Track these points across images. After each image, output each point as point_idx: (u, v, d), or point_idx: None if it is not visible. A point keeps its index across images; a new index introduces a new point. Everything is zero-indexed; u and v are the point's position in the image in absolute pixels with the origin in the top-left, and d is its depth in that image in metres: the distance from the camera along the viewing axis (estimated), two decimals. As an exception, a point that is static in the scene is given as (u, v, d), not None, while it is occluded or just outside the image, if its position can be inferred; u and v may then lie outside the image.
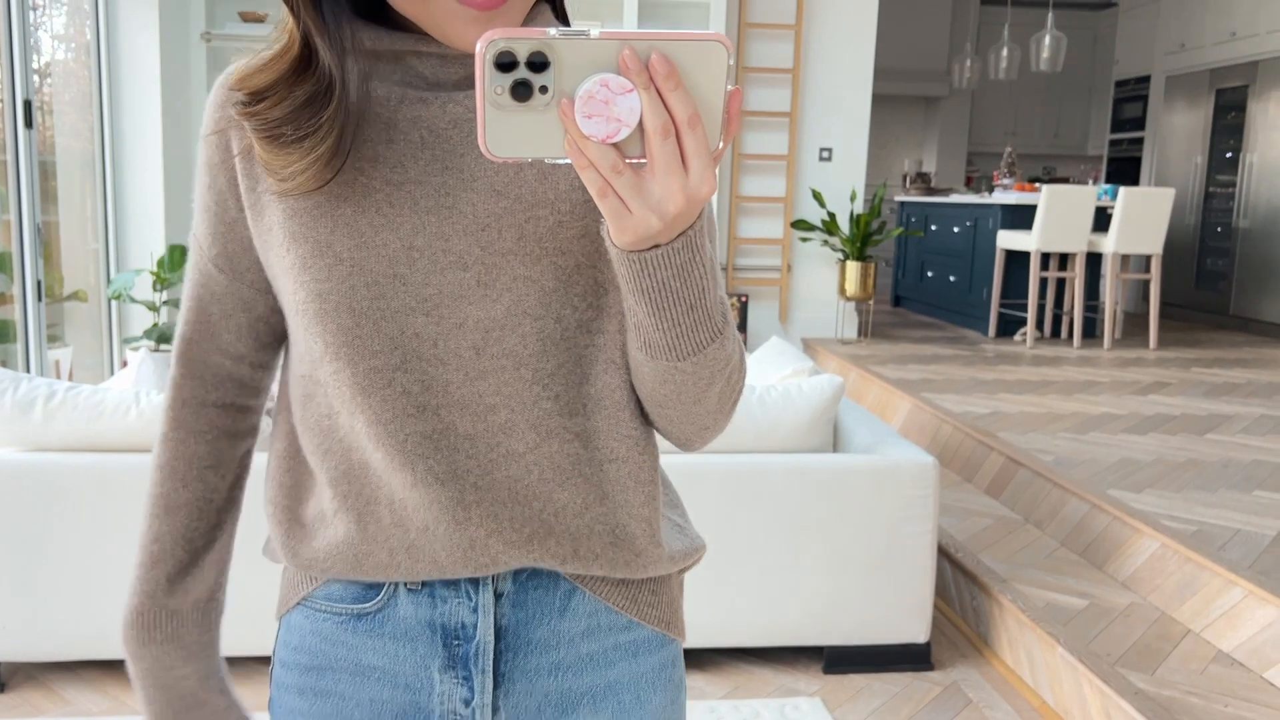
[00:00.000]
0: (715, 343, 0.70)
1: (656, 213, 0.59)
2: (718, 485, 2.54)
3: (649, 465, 0.79)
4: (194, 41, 5.24)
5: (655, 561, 0.80)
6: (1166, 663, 2.35)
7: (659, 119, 0.56)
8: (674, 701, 0.86)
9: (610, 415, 0.77)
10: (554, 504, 0.76)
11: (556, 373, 0.76)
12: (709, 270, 0.67)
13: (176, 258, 4.58)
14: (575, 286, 0.75)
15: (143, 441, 2.45)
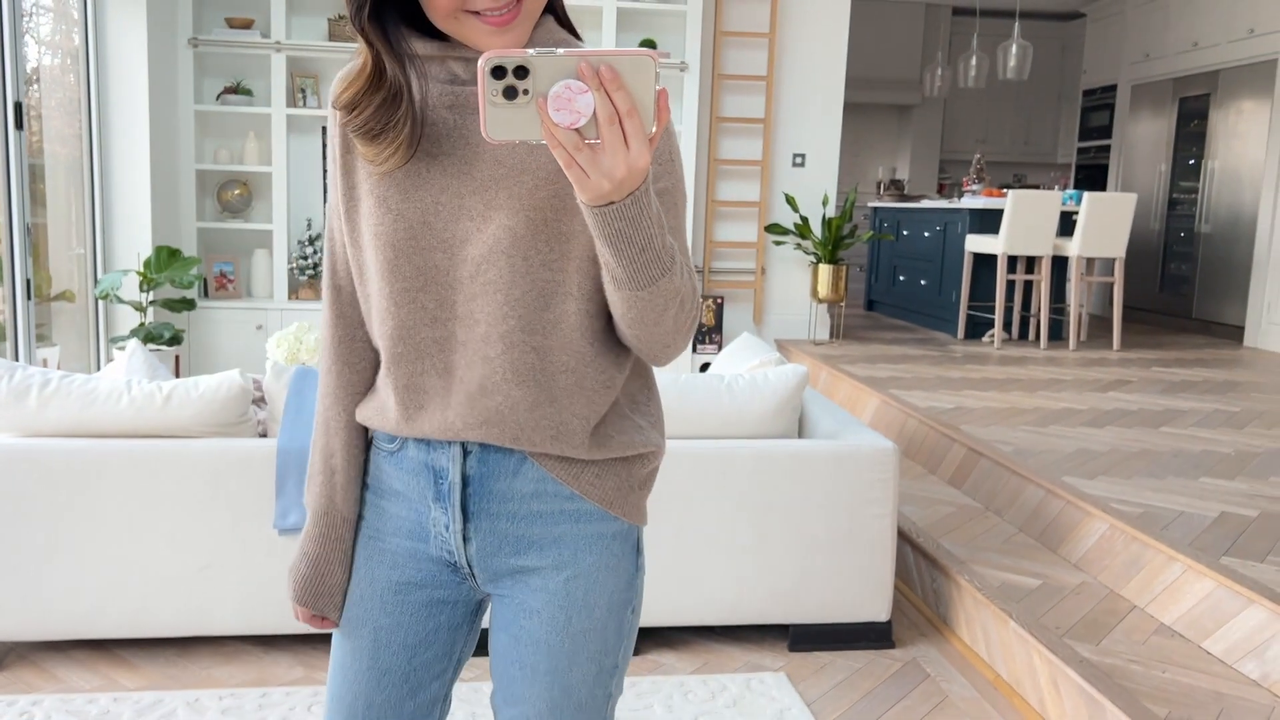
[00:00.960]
0: (665, 277, 0.93)
1: (608, 178, 0.82)
2: (687, 469, 2.66)
3: (596, 378, 1.04)
4: (181, 46, 5.34)
5: (588, 450, 1.05)
6: (1111, 635, 2.48)
7: (606, 111, 0.79)
8: (615, 570, 1.09)
9: (563, 336, 1.02)
10: (511, 399, 1.02)
11: (522, 299, 1.00)
12: (655, 222, 0.89)
13: (163, 259, 4.67)
14: (541, 234, 0.99)
15: (134, 427, 2.55)
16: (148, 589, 2.56)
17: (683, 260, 0.97)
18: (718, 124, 6.15)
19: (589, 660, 1.08)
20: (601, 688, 1.10)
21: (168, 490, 2.53)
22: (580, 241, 1.00)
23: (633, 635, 1.14)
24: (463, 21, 0.94)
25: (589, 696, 1.10)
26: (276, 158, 5.51)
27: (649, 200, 0.87)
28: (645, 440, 1.08)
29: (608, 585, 1.08)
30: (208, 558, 2.57)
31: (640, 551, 1.12)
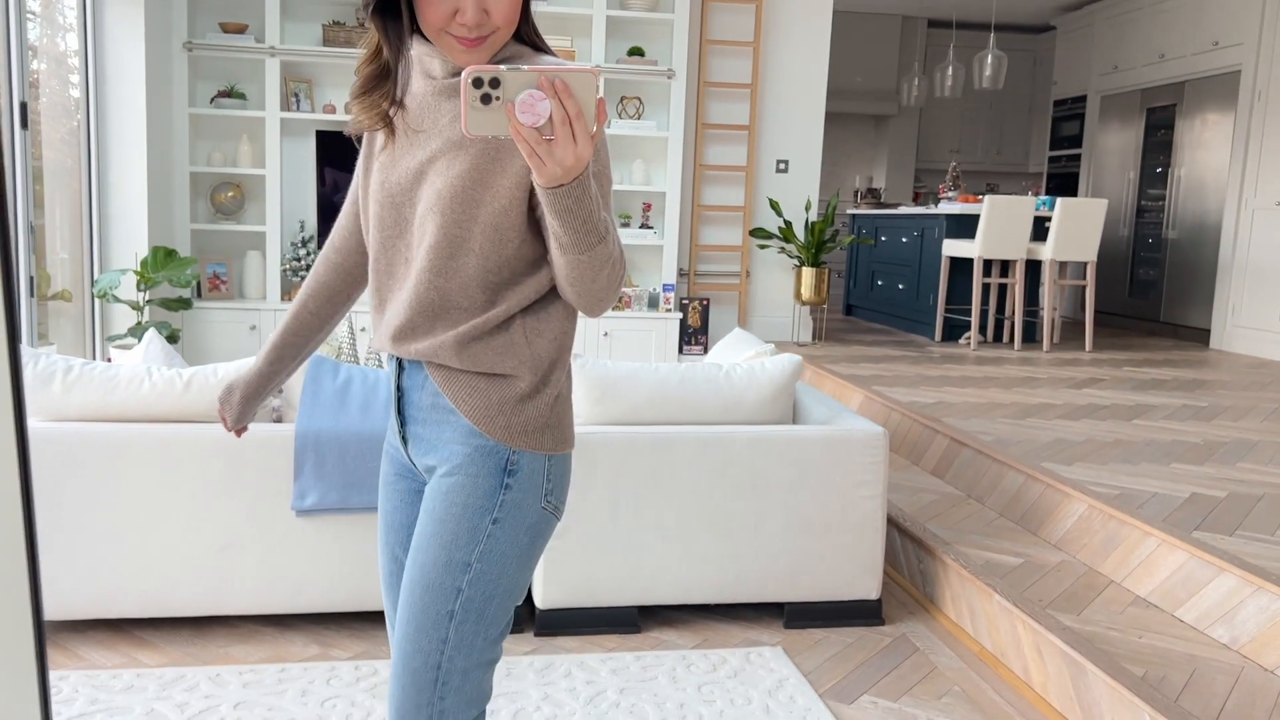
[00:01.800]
0: (601, 244, 1.17)
1: (560, 165, 1.06)
2: (688, 454, 2.78)
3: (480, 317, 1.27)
4: (176, 50, 5.42)
5: (458, 359, 1.28)
6: (1090, 607, 2.63)
7: (560, 114, 1.03)
8: (475, 478, 1.28)
9: (461, 281, 1.27)
10: (413, 324, 1.29)
11: (435, 247, 1.26)
12: (594, 200, 1.13)
13: (160, 258, 4.74)
14: (458, 199, 1.24)
15: (154, 412, 2.64)
16: (168, 570, 2.65)
17: (613, 232, 1.20)
18: (703, 130, 6.30)
19: (440, 547, 1.28)
20: (450, 577, 1.27)
21: (188, 473, 2.62)
22: (487, 210, 1.24)
23: (495, 546, 1.28)
24: (443, 37, 1.21)
25: (436, 580, 1.28)
26: (270, 161, 5.60)
27: (589, 184, 1.11)
28: (510, 364, 1.28)
29: (467, 489, 1.29)
30: (226, 539, 2.66)
31: (510, 470, 1.29)
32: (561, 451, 1.33)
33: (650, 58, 5.97)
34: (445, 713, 1.29)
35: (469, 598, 1.28)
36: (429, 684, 1.28)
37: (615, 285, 1.23)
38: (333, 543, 2.69)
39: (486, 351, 1.28)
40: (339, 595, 2.73)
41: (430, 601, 1.28)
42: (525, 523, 1.30)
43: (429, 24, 1.19)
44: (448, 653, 1.27)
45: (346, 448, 2.64)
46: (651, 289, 6.15)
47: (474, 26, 1.18)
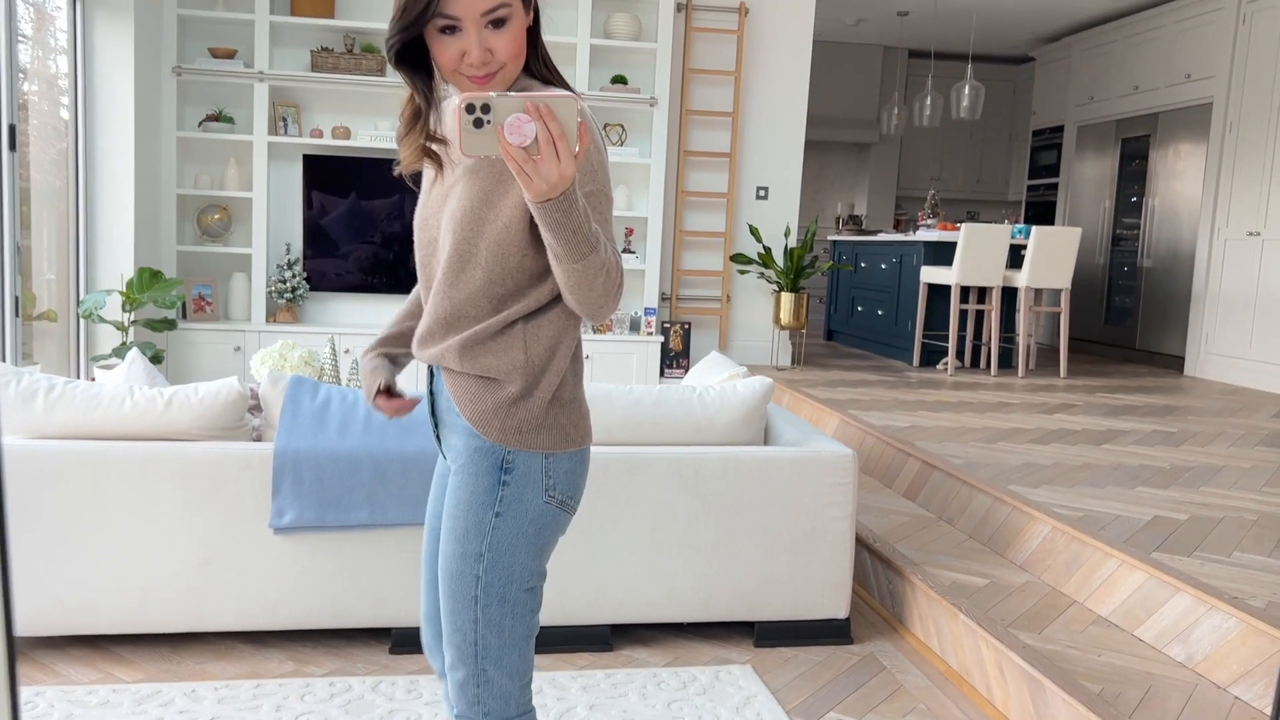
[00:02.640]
0: (593, 254, 1.28)
1: (546, 181, 1.17)
2: (660, 474, 2.83)
3: (479, 325, 1.41)
4: (166, 75, 5.49)
5: (459, 361, 1.42)
6: (1052, 626, 2.69)
7: (545, 135, 1.15)
8: (476, 476, 1.42)
9: (469, 292, 1.42)
10: (430, 332, 1.45)
11: (448, 264, 1.42)
12: (582, 213, 1.25)
13: (146, 279, 4.79)
14: (464, 222, 1.40)
15: (135, 430, 2.69)
16: (146, 586, 2.68)
17: (607, 243, 1.32)
18: (685, 157, 6.40)
19: (455, 539, 1.43)
20: (468, 566, 1.42)
21: (167, 491, 2.67)
22: (491, 227, 1.38)
23: (500, 538, 1.42)
24: (456, 78, 1.37)
25: (456, 570, 1.43)
26: (257, 184, 5.66)
27: (576, 198, 1.22)
28: (503, 368, 1.41)
29: (469, 486, 1.42)
30: (204, 555, 2.70)
31: (506, 469, 1.41)
32: (562, 450, 1.43)
33: (633, 85, 6.08)
34: (491, 681, 1.44)
35: (488, 584, 1.42)
36: (472, 658, 1.43)
37: (612, 292, 1.33)
38: (310, 560, 2.74)
39: (485, 355, 1.41)
40: (315, 613, 2.77)
41: (456, 589, 1.43)
42: (527, 516, 1.42)
43: (442, 68, 1.36)
44: (480, 631, 1.42)
45: (324, 466, 2.69)
46: (633, 312, 6.23)
47: (480, 65, 1.33)
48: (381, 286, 5.94)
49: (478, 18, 1.31)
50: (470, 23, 1.31)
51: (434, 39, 1.34)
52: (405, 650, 2.81)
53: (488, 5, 1.31)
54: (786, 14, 6.43)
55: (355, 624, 2.78)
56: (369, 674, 2.69)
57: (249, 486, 2.70)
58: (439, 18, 1.31)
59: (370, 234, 5.88)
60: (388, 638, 2.90)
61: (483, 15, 1.31)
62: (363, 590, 2.77)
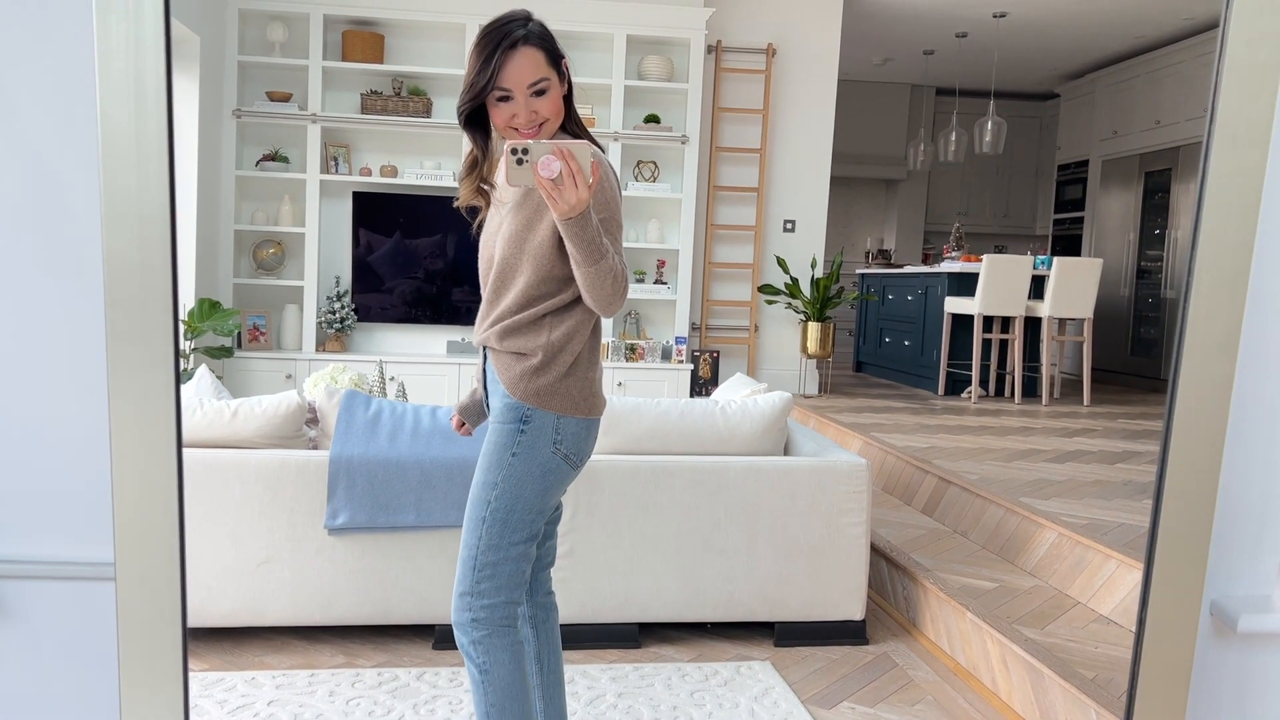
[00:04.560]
0: (604, 260, 1.70)
1: (568, 204, 1.61)
2: (685, 481, 3.04)
3: (517, 316, 1.84)
4: (226, 117, 5.85)
5: (504, 349, 1.86)
6: (1055, 623, 2.85)
7: (566, 170, 1.59)
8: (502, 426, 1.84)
9: (513, 293, 1.85)
10: (486, 326, 1.89)
11: (499, 273, 1.86)
12: (595, 229, 1.67)
13: (205, 309, 5.10)
14: (514, 240, 1.84)
15: (205, 439, 2.94)
16: (211, 583, 2.93)
17: (615, 252, 1.73)
18: (715, 192, 6.65)
19: (481, 471, 1.86)
20: (484, 492, 1.84)
21: (232, 495, 2.91)
22: (531, 244, 1.81)
23: (513, 474, 1.82)
24: (509, 133, 1.79)
25: (476, 495, 1.85)
26: (309, 220, 5.99)
27: (591, 217, 1.67)
28: (529, 346, 1.84)
29: (498, 432, 1.86)
30: (266, 554, 2.94)
31: (524, 420, 1.82)
32: (571, 415, 1.84)
33: (665, 124, 6.35)
34: (483, 593, 1.83)
35: (495, 508, 1.83)
36: (470, 570, 1.84)
37: (620, 291, 1.75)
38: (360, 560, 2.97)
39: (518, 338, 1.85)
40: (365, 609, 2.99)
41: (472, 510, 1.85)
42: (536, 460, 1.83)
43: (498, 127, 1.81)
44: (481, 548, 1.83)
45: (375, 472, 2.92)
46: (664, 341, 6.45)
47: (527, 124, 1.78)
48: (425, 318, 6.22)
49: (525, 89, 1.75)
50: (519, 93, 1.74)
51: (492, 106, 1.78)
52: (448, 645, 3.02)
53: (532, 79, 1.75)
54: (812, 55, 6.70)
55: (401, 620, 3.00)
56: (414, 665, 2.91)
57: (306, 491, 2.94)
58: (496, 89, 1.75)
59: (415, 269, 6.17)
60: (431, 634, 3.12)
61: (529, 87, 1.75)
62: (408, 589, 2.99)
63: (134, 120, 0.94)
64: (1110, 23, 7.34)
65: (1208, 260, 0.93)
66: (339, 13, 5.91)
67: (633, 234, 6.43)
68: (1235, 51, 0.97)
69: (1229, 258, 0.93)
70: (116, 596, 0.91)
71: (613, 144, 6.15)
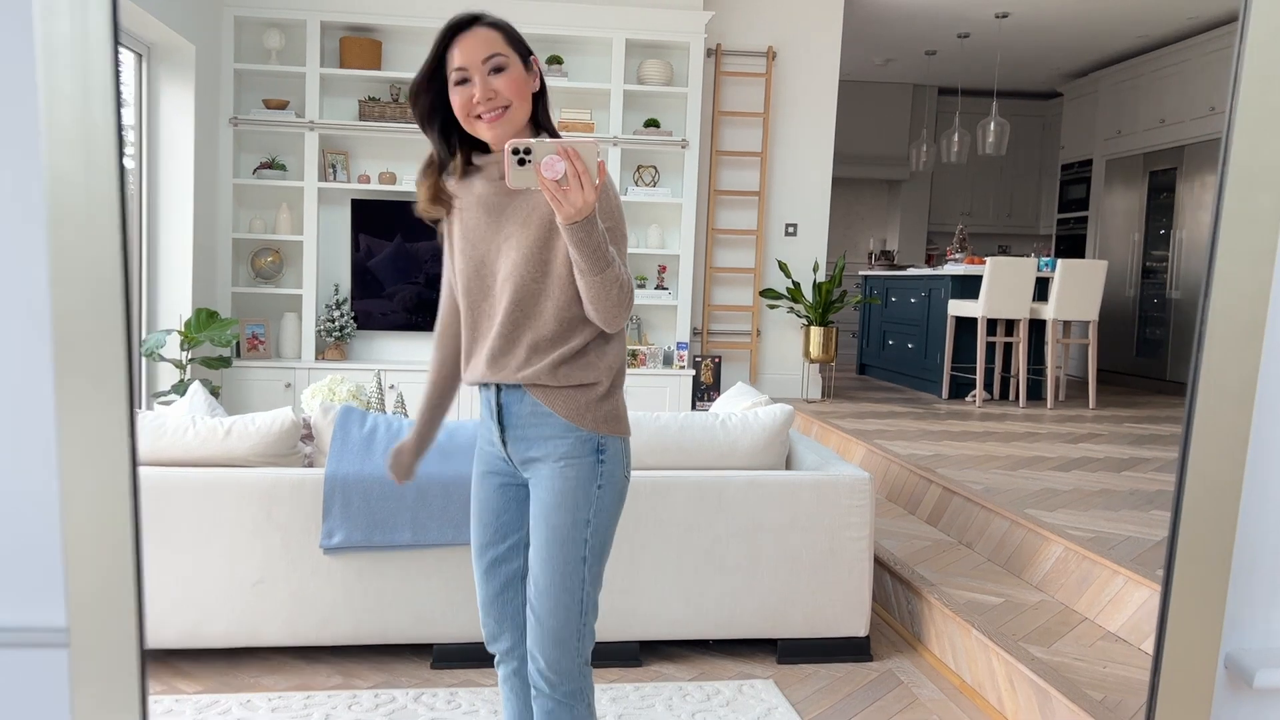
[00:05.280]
0: (610, 268, 1.61)
1: (573, 206, 1.51)
2: (685, 497, 3.00)
3: (558, 342, 1.73)
4: (223, 125, 5.82)
5: (554, 379, 1.74)
6: (1062, 641, 2.80)
7: (572, 171, 1.48)
8: (579, 459, 1.75)
9: (543, 320, 1.74)
10: (519, 358, 1.75)
11: (524, 299, 1.74)
12: (601, 235, 1.58)
13: (203, 319, 5.06)
14: (531, 262, 1.73)
15: (198, 457, 2.91)
16: (206, 604, 2.89)
17: (620, 262, 1.64)
18: (716, 196, 6.61)
19: (566, 511, 1.75)
20: (578, 532, 1.75)
21: (226, 514, 2.88)
22: (554, 267, 1.71)
23: (603, 505, 1.77)
24: (473, 123, 1.70)
25: (568, 535, 1.74)
26: (307, 228, 5.95)
27: (596, 222, 1.57)
28: (592, 376, 1.75)
29: (575, 467, 1.76)
30: (260, 574, 2.90)
31: (601, 450, 1.76)
32: (628, 434, 1.81)
33: (665, 129, 6.30)
34: (585, 627, 1.78)
35: (593, 545, 1.77)
36: (578, 613, 1.76)
37: (625, 302, 1.66)
38: (357, 579, 2.93)
39: (576, 370, 1.75)
40: (362, 629, 2.95)
41: (568, 553, 1.75)
42: (616, 487, 1.79)
43: (462, 116, 1.69)
44: (587, 588, 1.77)
45: (371, 490, 2.88)
46: (666, 347, 6.41)
47: (485, 101, 1.66)
48: (425, 325, 6.19)
49: (480, 64, 1.66)
50: (475, 70, 1.66)
51: (453, 93, 1.69)
52: (446, 665, 2.98)
53: (486, 53, 1.67)
54: (813, 57, 6.65)
55: (399, 640, 2.96)
56: (412, 686, 2.87)
57: (301, 510, 2.90)
58: (454, 72, 1.67)
59: (415, 275, 6.13)
60: (429, 653, 3.08)
61: (483, 62, 1.66)
62: (405, 608, 2.95)
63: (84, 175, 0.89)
64: (1113, 22, 7.28)
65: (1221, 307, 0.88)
66: (336, 19, 5.87)
67: (633, 239, 6.39)
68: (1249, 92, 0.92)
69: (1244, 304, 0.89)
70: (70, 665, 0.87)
71: (612, 149, 6.11)
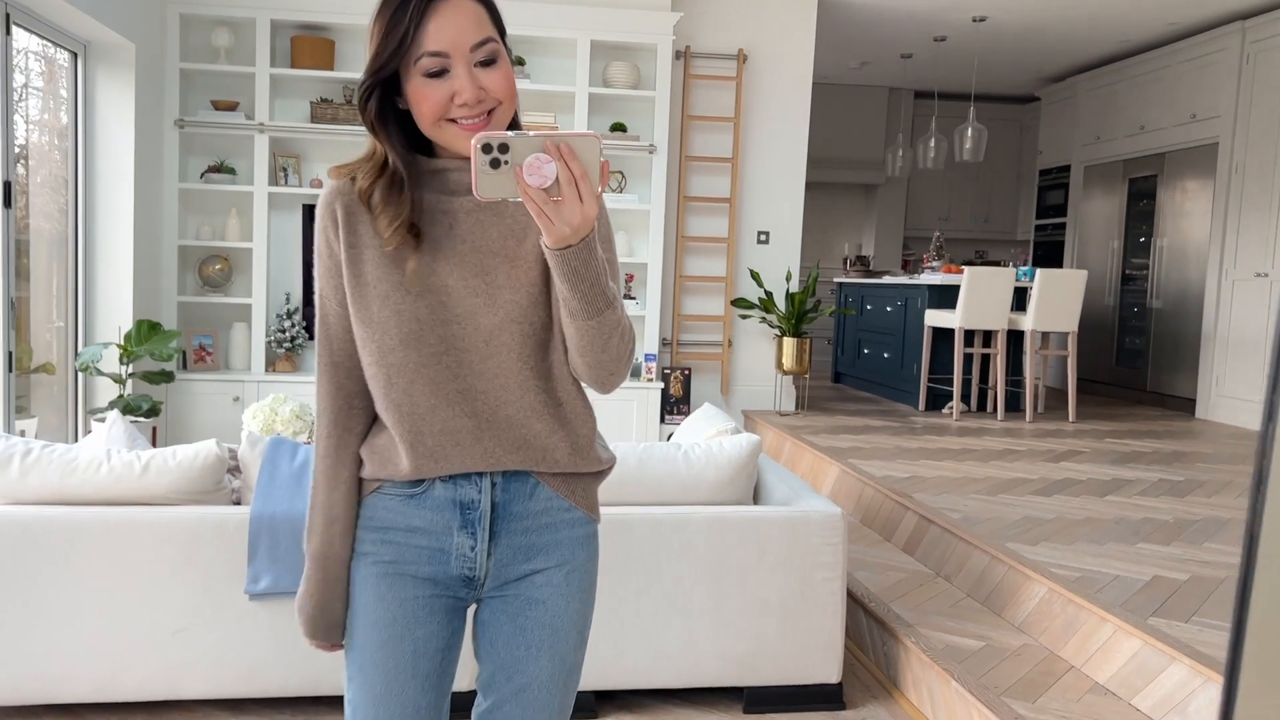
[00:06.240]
0: (610, 309, 1.20)
1: (568, 224, 1.10)
2: (645, 534, 2.78)
3: (584, 405, 1.34)
4: (168, 127, 5.53)
5: (596, 462, 1.35)
6: (1048, 694, 2.60)
7: (566, 176, 1.07)
8: (592, 562, 1.38)
9: (558, 375, 1.31)
10: (531, 430, 1.30)
11: (532, 354, 1.29)
12: (602, 265, 1.17)
13: (144, 332, 4.79)
14: (539, 304, 1.28)
15: (112, 495, 2.66)
16: (122, 653, 2.64)
17: (620, 303, 1.24)
18: (685, 203, 6.39)
19: (577, 633, 1.37)
20: (582, 652, 1.40)
21: (144, 557, 2.63)
22: (557, 305, 1.27)
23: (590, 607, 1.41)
24: (444, 129, 1.22)
25: (575, 661, 1.38)
26: (257, 234, 5.68)
27: (596, 246, 1.15)
28: (612, 455, 1.40)
29: (590, 573, 1.38)
30: (181, 623, 2.65)
31: (595, 540, 1.39)
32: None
33: (632, 133, 6.08)
34: None
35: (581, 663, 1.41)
36: None
37: (626, 356, 1.27)
38: (287, 627, 2.69)
39: (598, 447, 1.38)
40: (292, 680, 2.72)
41: (571, 688, 1.39)
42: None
43: (427, 117, 1.21)
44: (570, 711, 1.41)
45: (299, 531, 2.64)
46: (635, 359, 6.19)
47: (475, 104, 1.20)
48: (382, 335, 5.93)
49: (467, 53, 1.19)
50: (459, 59, 1.19)
51: (418, 86, 1.20)
52: (384, 718, 2.74)
53: (476, 38, 1.20)
54: (786, 60, 6.44)
55: (333, 691, 2.73)
56: (346, 744, 2.63)
57: (226, 551, 2.66)
58: (426, 58, 1.18)
59: (371, 282, 5.88)
60: (368, 704, 2.84)
61: (472, 50, 1.20)
62: (338, 657, 2.71)
63: None
64: (1092, 27, 7.12)
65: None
66: (287, 18, 5.60)
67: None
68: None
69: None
70: None
71: (578, 153, 5.86)
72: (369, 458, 1.33)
